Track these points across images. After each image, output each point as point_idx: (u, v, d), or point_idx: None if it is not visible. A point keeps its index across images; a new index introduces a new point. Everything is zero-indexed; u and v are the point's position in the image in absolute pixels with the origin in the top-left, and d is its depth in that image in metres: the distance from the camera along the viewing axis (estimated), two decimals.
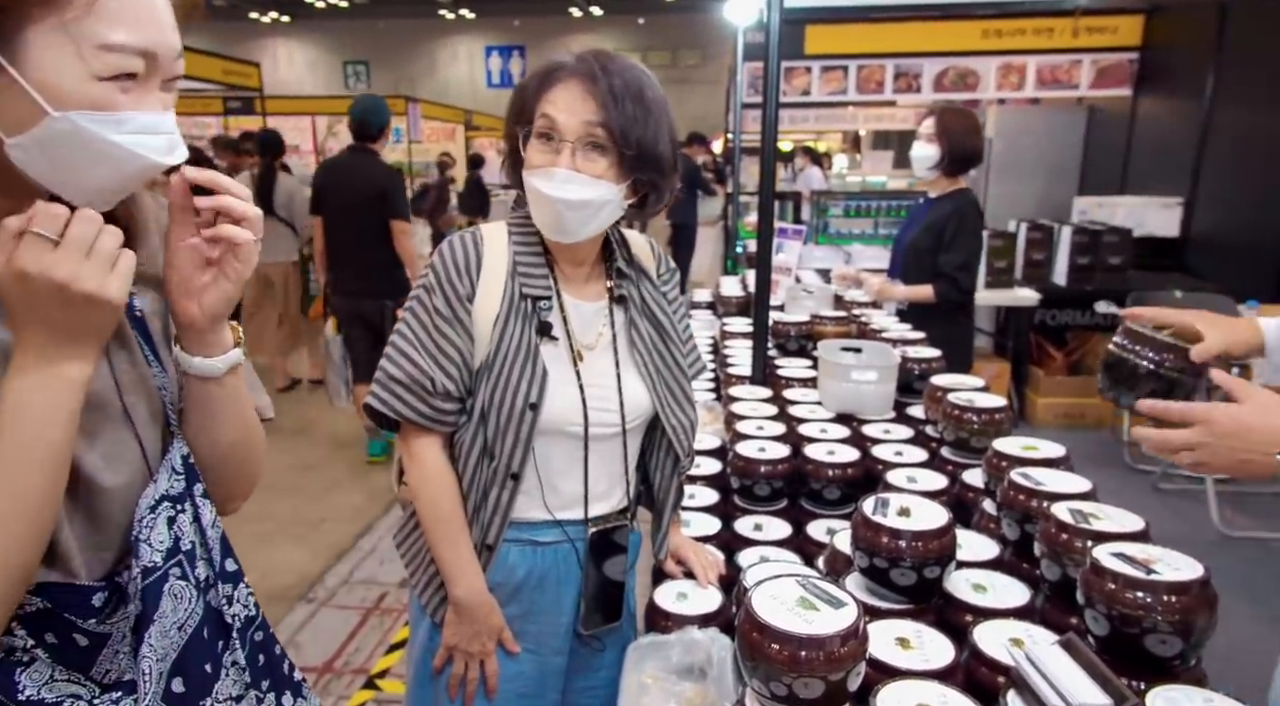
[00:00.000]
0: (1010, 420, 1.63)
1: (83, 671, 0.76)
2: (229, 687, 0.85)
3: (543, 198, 1.14)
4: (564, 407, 1.20)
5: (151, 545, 0.77)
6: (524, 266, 1.22)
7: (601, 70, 1.13)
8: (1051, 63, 5.85)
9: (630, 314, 1.28)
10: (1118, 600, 0.94)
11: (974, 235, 2.74)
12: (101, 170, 0.68)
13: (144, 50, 0.67)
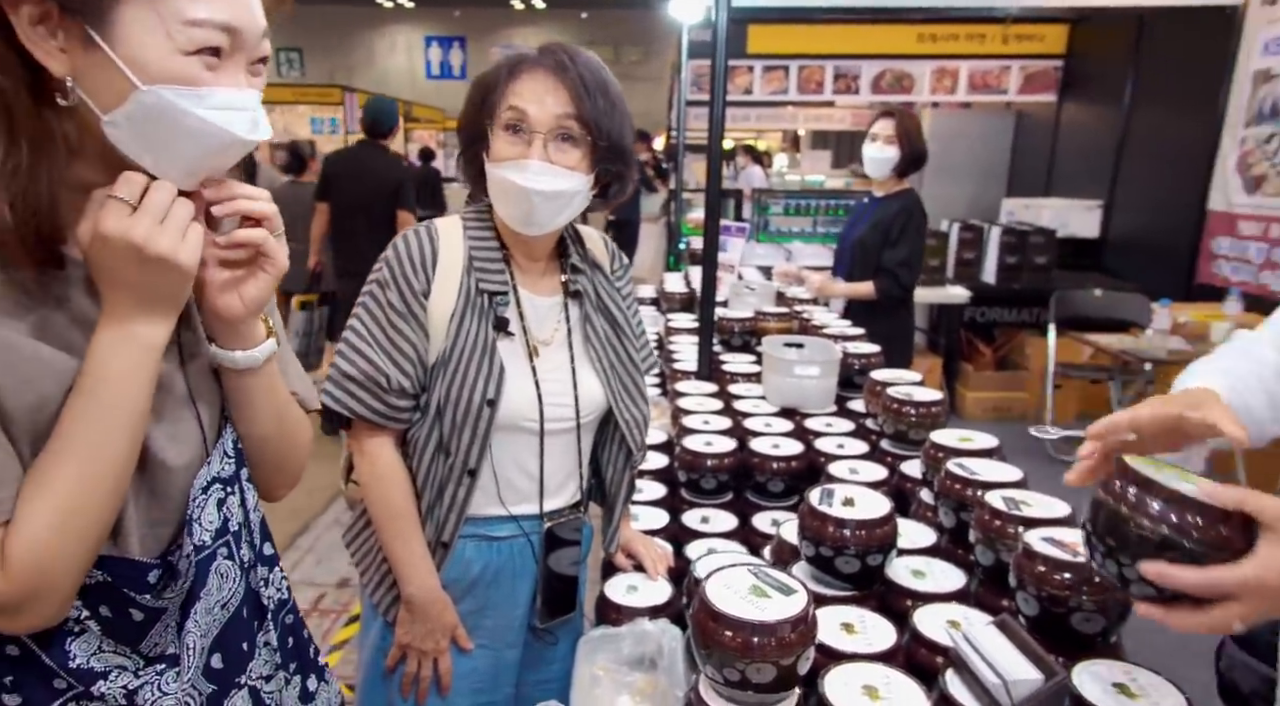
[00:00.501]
0: (945, 413, 1.69)
1: (132, 645, 0.77)
2: (260, 667, 0.88)
3: (515, 189, 1.14)
4: (520, 403, 1.21)
5: (202, 525, 0.80)
6: (480, 261, 1.22)
7: (570, 61, 1.14)
8: (983, 68, 6.05)
9: (585, 309, 1.29)
10: (1047, 582, 1.00)
11: (919, 234, 2.84)
12: (187, 144, 0.69)
13: (226, 25, 0.69)
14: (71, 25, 0.65)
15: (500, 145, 1.15)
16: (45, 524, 0.67)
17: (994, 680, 0.86)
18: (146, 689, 0.76)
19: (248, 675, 0.86)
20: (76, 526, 0.69)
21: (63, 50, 0.66)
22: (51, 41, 0.66)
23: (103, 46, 0.65)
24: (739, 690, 0.90)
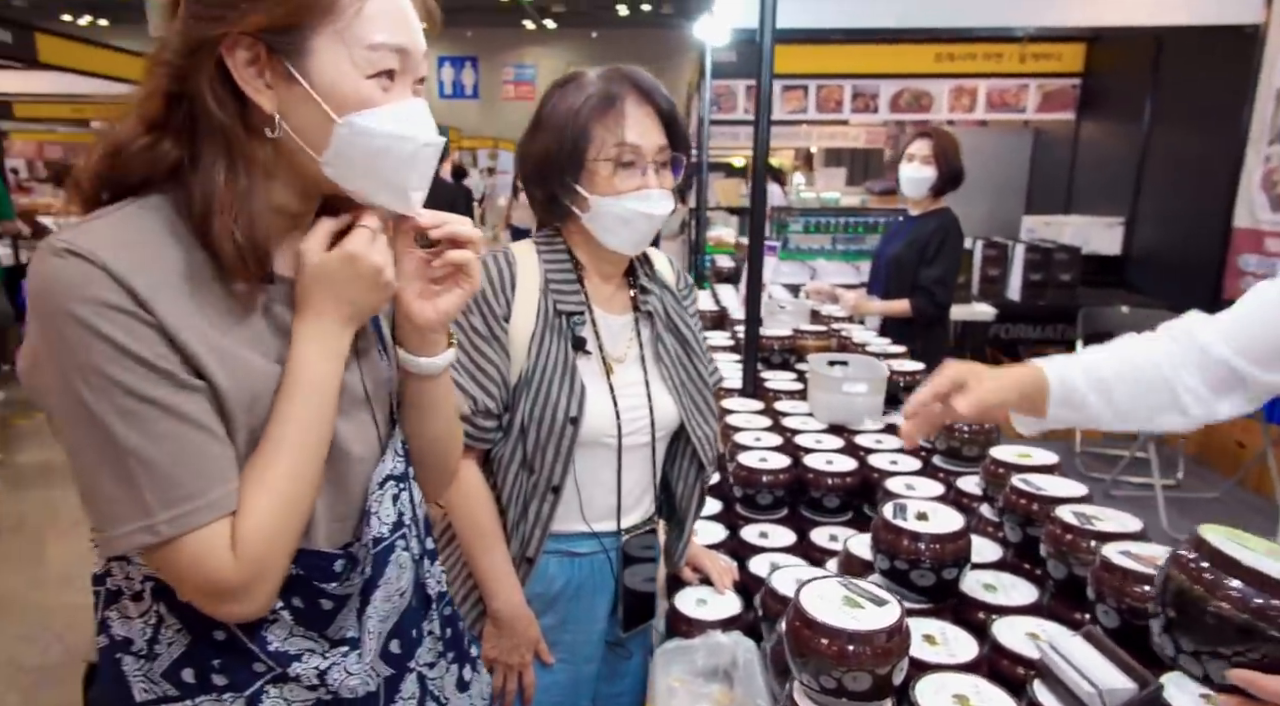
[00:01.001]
0: (998, 429, 1.72)
1: (320, 630, 0.83)
2: (426, 654, 0.94)
3: (641, 217, 1.21)
4: (600, 419, 1.24)
5: (380, 518, 0.86)
6: (556, 283, 1.27)
7: (650, 87, 1.21)
8: (1000, 87, 6.11)
9: (656, 328, 1.33)
10: (1127, 594, 1.02)
11: (954, 253, 2.87)
12: (382, 160, 0.77)
13: (400, 48, 0.76)
14: (276, 63, 0.73)
15: (617, 179, 1.20)
16: (268, 513, 0.74)
17: (1089, 689, 0.88)
18: (335, 669, 0.82)
19: (416, 660, 0.92)
20: (291, 515, 0.75)
21: (269, 87, 0.74)
22: (260, 80, 0.73)
23: (302, 83, 0.73)
24: (834, 697, 0.92)
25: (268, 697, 0.80)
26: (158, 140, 0.74)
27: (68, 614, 2.97)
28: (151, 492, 0.69)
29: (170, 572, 0.73)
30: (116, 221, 0.73)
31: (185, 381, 0.71)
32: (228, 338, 0.75)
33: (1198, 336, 1.06)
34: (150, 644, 0.79)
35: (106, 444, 0.69)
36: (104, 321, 0.67)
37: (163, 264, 0.72)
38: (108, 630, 0.81)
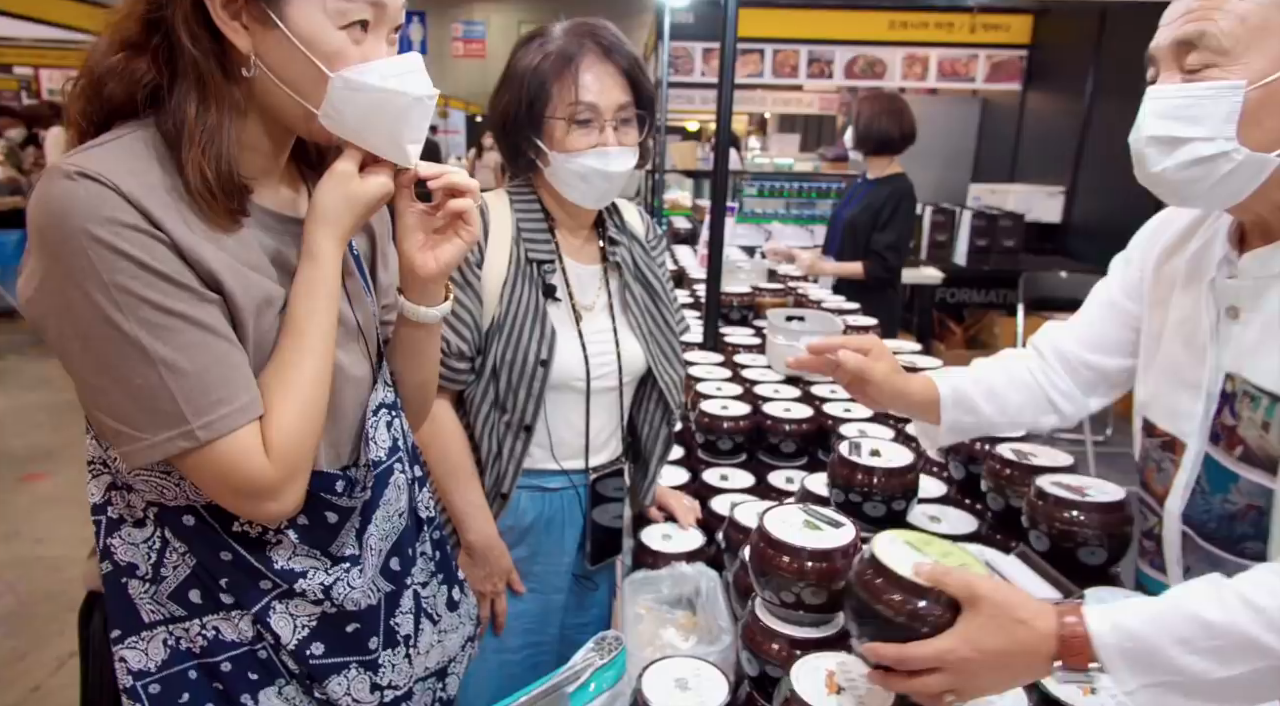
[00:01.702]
0: None
1: (323, 547, 0.86)
2: (419, 574, 0.99)
3: (598, 174, 1.25)
4: (569, 363, 1.30)
5: (376, 442, 0.90)
6: (528, 233, 1.31)
7: (612, 42, 1.24)
8: (951, 56, 6.22)
9: (625, 278, 1.38)
10: (1057, 519, 1.13)
11: (906, 219, 2.98)
12: (381, 115, 0.79)
13: (375, 1, 0.77)
14: (253, 7, 0.74)
15: (572, 137, 1.24)
16: (296, 412, 0.78)
17: None
18: (339, 584, 0.86)
19: (412, 578, 0.97)
20: (315, 415, 0.80)
21: (246, 28, 0.75)
22: (236, 21, 0.75)
23: (281, 27, 0.74)
24: (793, 610, 1.01)
25: (274, 613, 0.85)
26: (131, 59, 0.76)
27: (18, 567, 2.94)
28: (185, 401, 0.72)
29: (205, 477, 0.76)
30: (116, 148, 0.75)
31: (204, 294, 0.74)
32: (230, 255, 0.78)
33: (1058, 345, 1.19)
34: (155, 568, 0.83)
35: (138, 357, 0.71)
36: (123, 240, 0.70)
37: (164, 187, 0.74)
38: (111, 556, 0.83)
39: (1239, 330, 0.91)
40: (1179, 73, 0.85)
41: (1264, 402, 0.87)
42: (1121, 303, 1.12)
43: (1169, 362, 1.01)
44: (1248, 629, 0.72)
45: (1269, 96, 0.80)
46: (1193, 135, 0.83)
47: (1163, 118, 0.85)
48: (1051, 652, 0.76)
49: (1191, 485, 0.97)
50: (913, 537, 0.89)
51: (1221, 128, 0.81)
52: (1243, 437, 0.90)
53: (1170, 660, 0.74)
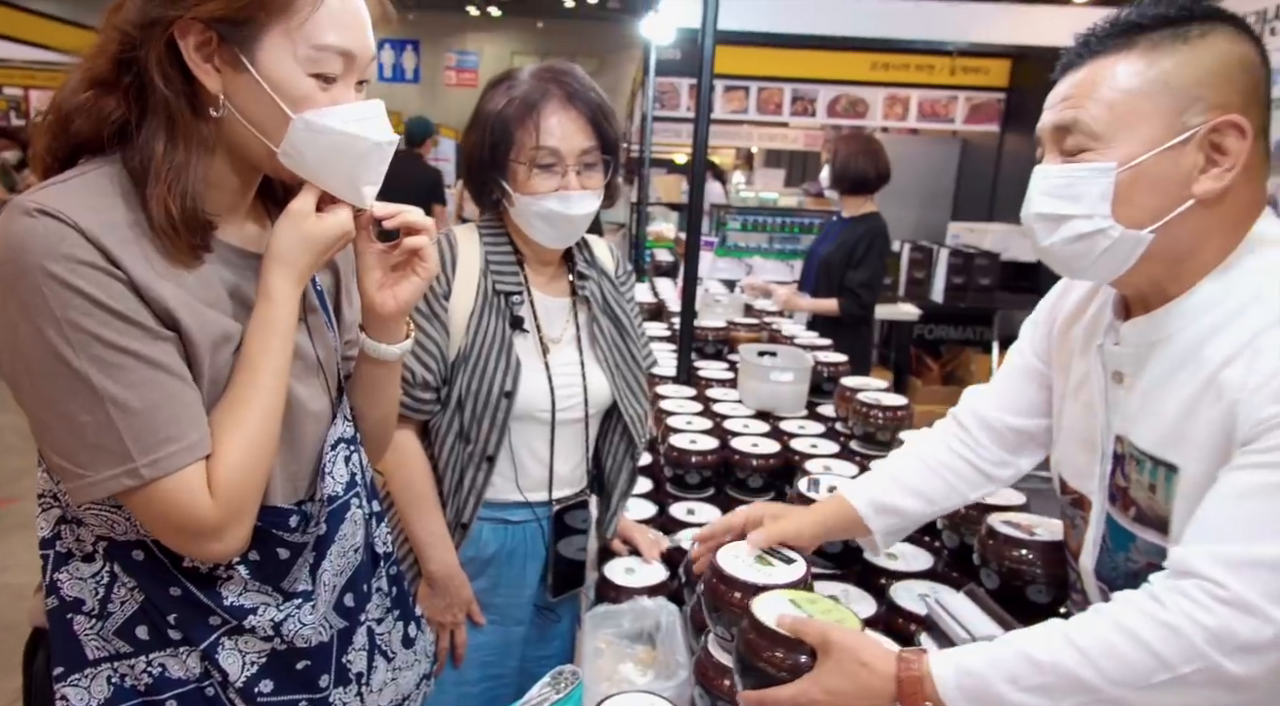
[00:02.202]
0: (910, 416, 1.86)
1: (274, 582, 0.86)
2: (374, 609, 0.99)
3: (560, 218, 1.27)
4: (534, 394, 1.32)
5: (334, 477, 0.91)
6: (496, 265, 1.34)
7: (577, 87, 1.26)
8: (931, 97, 6.36)
9: (593, 312, 1.41)
10: (1006, 558, 1.15)
11: (880, 257, 3.04)
12: (339, 157, 0.81)
13: (346, 51, 0.80)
14: (226, 50, 0.77)
15: (535, 180, 1.26)
16: (242, 453, 0.78)
17: (964, 636, 1.00)
18: (289, 621, 0.86)
19: (366, 614, 0.97)
20: (262, 455, 0.80)
21: (217, 71, 0.78)
22: (208, 64, 0.77)
23: (251, 72, 0.77)
24: None
25: (223, 649, 0.84)
26: (100, 97, 0.77)
27: None
28: (131, 438, 0.73)
29: (149, 515, 0.77)
30: (79, 184, 0.76)
31: (158, 332, 0.75)
32: (189, 292, 0.79)
33: (979, 412, 1.20)
34: (102, 603, 0.82)
35: (86, 394, 0.72)
36: (78, 278, 0.71)
37: (125, 224, 0.75)
38: (58, 591, 0.83)
39: (1124, 394, 0.94)
40: (1060, 154, 0.89)
41: (1148, 465, 0.90)
42: (1034, 364, 1.14)
43: (1072, 423, 1.05)
44: (1070, 666, 0.77)
45: (1138, 177, 0.84)
46: (1073, 213, 0.87)
47: (1047, 195, 0.89)
48: (891, 694, 0.82)
49: (1099, 542, 0.99)
50: (799, 597, 0.96)
51: (1098, 206, 0.85)
52: (1134, 499, 0.93)
53: (1001, 696, 0.78)
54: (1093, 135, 0.85)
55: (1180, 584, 0.77)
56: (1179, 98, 0.83)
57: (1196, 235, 0.86)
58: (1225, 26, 0.85)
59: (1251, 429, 0.78)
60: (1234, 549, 0.75)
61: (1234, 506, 0.77)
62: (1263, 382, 0.77)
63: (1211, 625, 0.73)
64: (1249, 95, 0.84)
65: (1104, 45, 0.86)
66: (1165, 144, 0.83)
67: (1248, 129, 0.82)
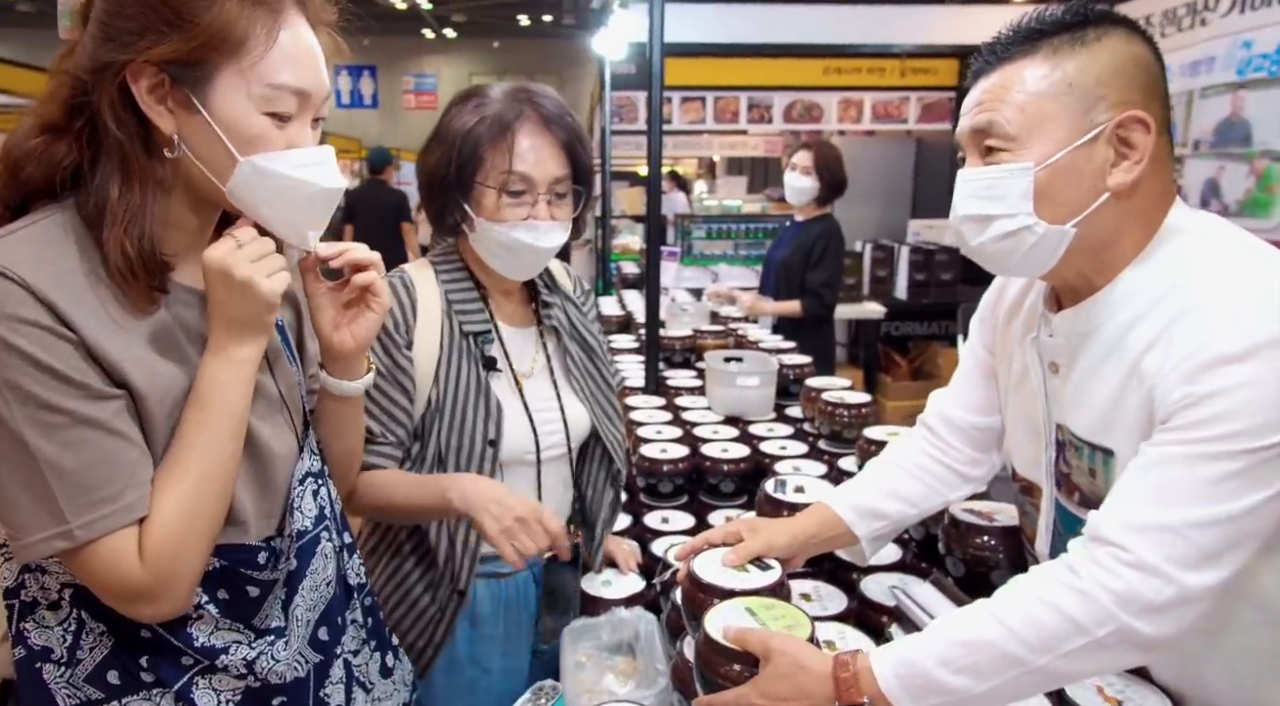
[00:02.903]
0: (875, 413, 1.89)
1: (246, 620, 0.86)
2: (350, 642, 0.99)
3: (526, 248, 1.19)
4: (517, 437, 1.25)
5: (302, 512, 0.90)
6: (459, 304, 1.25)
7: (552, 112, 1.19)
8: (884, 99, 6.47)
9: (562, 340, 1.35)
10: (970, 545, 1.19)
11: (837, 256, 3.10)
12: (285, 200, 0.81)
13: (300, 90, 0.80)
14: (178, 93, 0.77)
15: (503, 208, 1.18)
16: (174, 517, 0.77)
17: (931, 624, 1.02)
18: (262, 658, 0.86)
19: (342, 647, 0.97)
20: (198, 519, 0.79)
21: (171, 112, 0.78)
22: (161, 106, 0.77)
23: (203, 113, 0.77)
24: None
25: (197, 689, 0.84)
26: (52, 142, 0.77)
27: None
28: (66, 500, 0.72)
29: (85, 575, 0.76)
30: (31, 234, 0.75)
31: (101, 391, 0.74)
32: (143, 344, 0.79)
33: (945, 414, 1.22)
34: (71, 651, 0.81)
35: (21, 455, 0.71)
36: (20, 337, 0.70)
37: (77, 276, 0.75)
38: (25, 641, 0.82)
39: (1060, 384, 0.98)
40: (980, 158, 0.93)
41: (1086, 451, 0.94)
42: (987, 360, 1.17)
43: (1017, 413, 1.08)
44: (996, 641, 0.80)
45: (1055, 175, 0.88)
46: (998, 212, 0.90)
47: (972, 197, 0.93)
48: (829, 693, 0.85)
49: (1051, 527, 1.02)
50: (756, 604, 0.99)
51: (1020, 204, 0.89)
52: (1077, 484, 0.97)
53: (938, 681, 0.82)
54: (1008, 137, 0.89)
55: (1091, 552, 0.81)
56: (1084, 97, 0.87)
57: (1114, 226, 0.90)
58: (1119, 28, 0.89)
59: (1166, 410, 0.82)
60: (1140, 515, 0.79)
61: (1143, 476, 0.81)
62: (1175, 366, 0.81)
63: (1119, 588, 0.77)
64: (1148, 91, 0.88)
65: (1009, 52, 0.90)
66: (1076, 142, 0.87)
67: (1150, 123, 0.87)
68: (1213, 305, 0.82)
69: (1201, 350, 0.80)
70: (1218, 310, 0.81)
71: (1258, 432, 0.76)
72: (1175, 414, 0.81)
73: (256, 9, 0.78)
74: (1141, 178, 0.88)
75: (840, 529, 1.17)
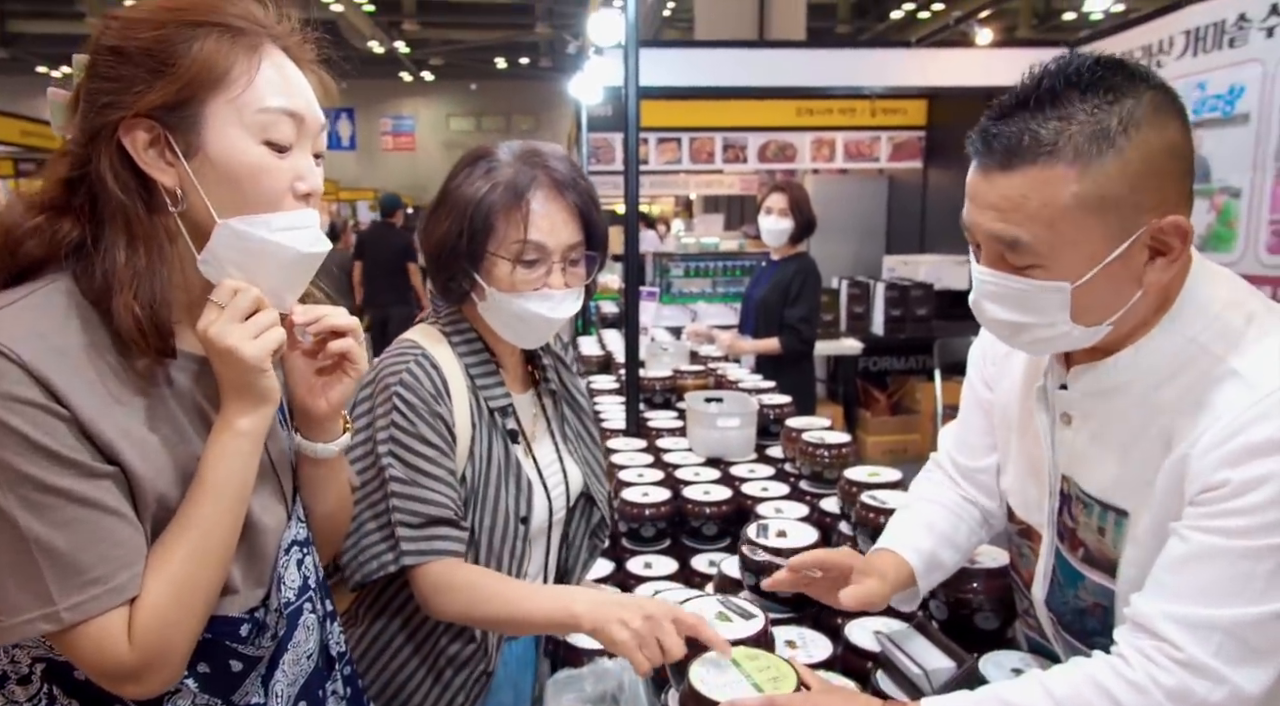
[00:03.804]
0: (855, 453, 1.90)
1: (225, 696, 0.82)
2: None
3: (539, 320, 1.15)
4: (539, 509, 1.22)
5: (286, 583, 0.88)
6: (480, 379, 1.21)
7: (566, 178, 1.14)
8: (856, 138, 6.62)
9: (558, 403, 1.34)
10: (953, 588, 1.18)
11: (815, 292, 3.14)
12: (265, 265, 0.80)
13: (292, 112, 0.80)
14: (175, 138, 0.76)
15: (516, 276, 1.13)
16: (165, 597, 0.75)
17: (916, 671, 1.02)
18: None
19: None
20: (191, 597, 0.77)
21: (170, 165, 0.77)
22: (161, 160, 0.77)
23: (190, 177, 0.77)
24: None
25: None
26: (55, 219, 0.76)
27: None
28: (54, 580, 0.70)
29: (70, 654, 0.74)
30: (29, 306, 0.74)
31: (94, 469, 0.73)
32: (139, 418, 0.77)
33: (956, 461, 1.20)
34: None
35: (9, 534, 0.70)
36: (14, 416, 0.69)
37: (75, 351, 0.74)
38: None
39: (1071, 436, 0.95)
40: (1005, 264, 0.87)
41: (1096, 509, 0.93)
42: (988, 398, 1.14)
43: (1021, 454, 1.06)
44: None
45: (1090, 289, 0.83)
46: (1034, 321, 0.87)
47: (1001, 304, 0.88)
48: None
49: (1049, 575, 1.01)
50: (739, 654, 0.98)
51: (1058, 315, 0.85)
52: (1083, 540, 0.95)
53: None
54: (1038, 255, 0.83)
55: (1140, 643, 0.81)
56: (1118, 208, 0.81)
57: (1160, 296, 0.87)
58: (1144, 111, 0.80)
59: (1201, 490, 0.80)
60: (1188, 610, 0.78)
61: (1187, 568, 0.80)
62: (1215, 444, 0.79)
63: (1171, 685, 0.77)
64: (1183, 178, 0.83)
65: (1031, 156, 0.81)
66: (1111, 255, 0.82)
67: (1189, 228, 0.81)
68: (1251, 376, 0.80)
69: (1244, 431, 0.77)
70: (1257, 383, 0.79)
71: None
72: (1216, 497, 0.79)
73: (235, 43, 0.78)
74: (1180, 265, 0.84)
75: (910, 582, 1.11)
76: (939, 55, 5.75)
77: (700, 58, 5.31)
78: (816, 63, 5.36)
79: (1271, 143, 3.28)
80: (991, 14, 11.41)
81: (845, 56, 5.56)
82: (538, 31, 14.23)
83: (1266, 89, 3.30)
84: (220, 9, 0.79)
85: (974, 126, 0.89)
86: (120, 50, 0.76)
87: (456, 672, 1.21)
